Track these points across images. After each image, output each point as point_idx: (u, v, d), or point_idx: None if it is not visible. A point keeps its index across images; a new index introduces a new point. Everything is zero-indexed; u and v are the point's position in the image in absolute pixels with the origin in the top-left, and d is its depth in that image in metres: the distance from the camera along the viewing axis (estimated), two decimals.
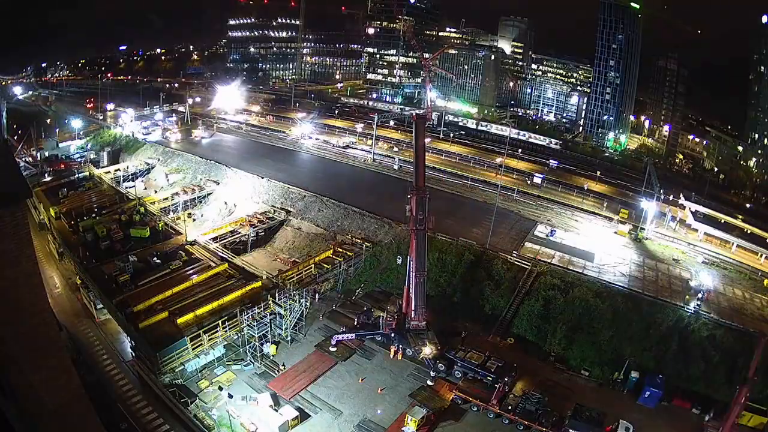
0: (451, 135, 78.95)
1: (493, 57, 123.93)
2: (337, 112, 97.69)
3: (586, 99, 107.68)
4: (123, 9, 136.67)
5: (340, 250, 44.74)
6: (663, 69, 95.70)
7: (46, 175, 65.19)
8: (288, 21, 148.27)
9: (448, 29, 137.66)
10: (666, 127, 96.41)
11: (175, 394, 29.75)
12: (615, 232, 48.68)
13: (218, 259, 42.13)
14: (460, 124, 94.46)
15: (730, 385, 30.84)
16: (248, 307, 34.24)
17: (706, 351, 32.73)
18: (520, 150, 73.64)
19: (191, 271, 39.84)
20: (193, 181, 62.84)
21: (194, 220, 55.37)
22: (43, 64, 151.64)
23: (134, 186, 62.44)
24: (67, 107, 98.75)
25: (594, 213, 53.00)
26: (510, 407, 29.00)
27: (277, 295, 35.23)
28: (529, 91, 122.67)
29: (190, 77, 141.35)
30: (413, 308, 32.68)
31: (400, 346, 33.65)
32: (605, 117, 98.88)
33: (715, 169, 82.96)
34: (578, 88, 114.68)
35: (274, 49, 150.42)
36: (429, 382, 32.05)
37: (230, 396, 29.06)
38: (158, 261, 41.24)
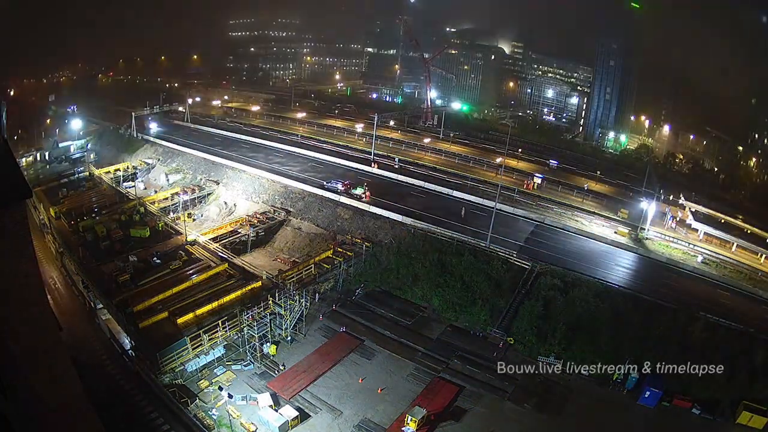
0: (451, 135, 78.98)
1: (493, 57, 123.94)
2: (336, 112, 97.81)
3: (586, 99, 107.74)
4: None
5: (340, 250, 44.77)
6: (663, 69, 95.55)
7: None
8: (288, 21, 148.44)
9: (448, 29, 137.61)
10: (666, 127, 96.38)
11: (175, 394, 29.75)
12: (615, 232, 48.71)
13: (218, 259, 42.16)
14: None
15: (730, 385, 30.89)
16: (248, 307, 34.27)
17: (706, 351, 32.72)
18: (520, 150, 73.66)
19: (191, 271, 39.89)
20: (193, 181, 62.89)
21: (194, 220, 55.39)
22: (43, 65, 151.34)
23: (134, 186, 62.49)
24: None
25: (594, 213, 53.05)
26: None
27: (277, 295, 35.26)
28: (529, 91, 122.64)
29: (190, 77, 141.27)
30: None
31: None
32: (605, 116, 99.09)
33: (715, 169, 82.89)
34: (578, 88, 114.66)
35: (274, 49, 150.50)
36: None
37: (230, 396, 29.04)
38: (158, 261, 41.29)
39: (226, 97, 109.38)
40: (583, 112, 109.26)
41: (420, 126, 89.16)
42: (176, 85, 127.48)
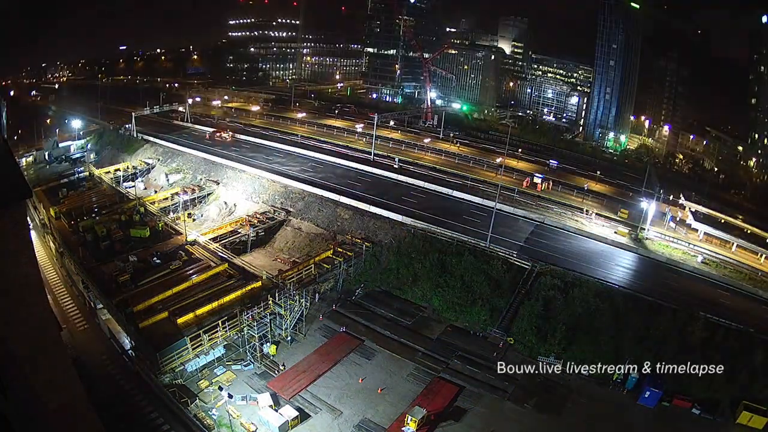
0: (451, 135, 79.05)
1: (493, 57, 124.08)
2: (336, 112, 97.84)
3: (586, 99, 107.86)
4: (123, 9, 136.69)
5: (340, 250, 44.76)
6: (663, 69, 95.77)
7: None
8: (288, 21, 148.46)
9: (448, 29, 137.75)
10: (666, 127, 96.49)
11: (175, 394, 29.76)
12: (615, 232, 48.70)
13: (218, 259, 42.15)
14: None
15: (730, 385, 30.92)
16: (248, 307, 34.27)
17: (706, 351, 32.74)
18: (520, 150, 73.70)
19: (191, 271, 39.87)
20: (193, 181, 62.90)
21: (194, 220, 55.41)
22: (43, 65, 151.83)
23: (134, 186, 62.51)
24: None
25: (594, 213, 52.99)
26: None
27: (277, 295, 35.26)
28: (529, 91, 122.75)
29: (190, 77, 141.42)
30: None
31: None
32: (605, 116, 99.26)
33: (715, 169, 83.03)
34: (578, 88, 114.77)
35: (274, 49, 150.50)
36: None
37: (230, 396, 29.07)
38: (158, 261, 41.28)
39: (226, 98, 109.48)
40: (583, 112, 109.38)
41: (420, 126, 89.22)
42: (176, 85, 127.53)
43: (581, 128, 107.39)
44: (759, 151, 75.45)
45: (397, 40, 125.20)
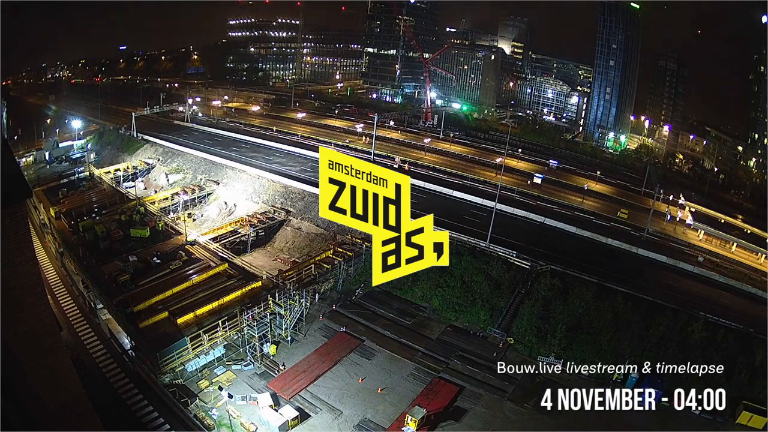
0: (451, 135, 79.08)
1: (493, 57, 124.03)
2: (337, 112, 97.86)
3: (586, 99, 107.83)
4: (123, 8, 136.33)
5: (340, 250, 44.75)
6: (663, 69, 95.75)
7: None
8: (288, 21, 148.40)
9: (448, 29, 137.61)
10: (666, 127, 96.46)
11: (175, 394, 29.76)
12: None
13: (218, 259, 42.18)
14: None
15: (730, 385, 30.90)
16: (248, 307, 34.31)
17: (706, 351, 32.75)
18: (520, 150, 73.73)
19: (191, 271, 39.90)
20: (193, 181, 62.92)
21: (194, 220, 55.42)
22: (43, 65, 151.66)
23: (134, 186, 62.53)
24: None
25: (594, 213, 53.07)
26: None
27: (277, 295, 35.27)
28: (529, 91, 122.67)
29: (190, 77, 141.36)
30: None
31: None
32: (605, 116, 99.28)
33: (715, 169, 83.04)
34: (578, 88, 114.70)
35: (274, 49, 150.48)
36: None
37: (230, 396, 29.08)
38: (158, 261, 41.31)
39: (226, 97, 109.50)
40: (583, 112, 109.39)
41: (420, 126, 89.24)
42: (176, 85, 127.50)
43: (581, 128, 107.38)
44: (759, 151, 75.47)
45: (397, 40, 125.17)
